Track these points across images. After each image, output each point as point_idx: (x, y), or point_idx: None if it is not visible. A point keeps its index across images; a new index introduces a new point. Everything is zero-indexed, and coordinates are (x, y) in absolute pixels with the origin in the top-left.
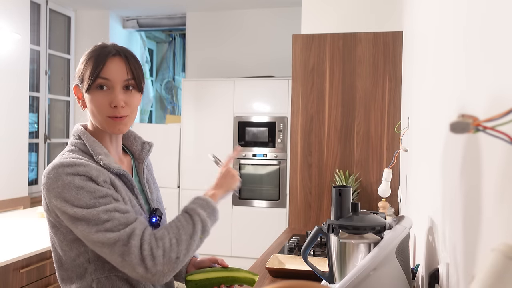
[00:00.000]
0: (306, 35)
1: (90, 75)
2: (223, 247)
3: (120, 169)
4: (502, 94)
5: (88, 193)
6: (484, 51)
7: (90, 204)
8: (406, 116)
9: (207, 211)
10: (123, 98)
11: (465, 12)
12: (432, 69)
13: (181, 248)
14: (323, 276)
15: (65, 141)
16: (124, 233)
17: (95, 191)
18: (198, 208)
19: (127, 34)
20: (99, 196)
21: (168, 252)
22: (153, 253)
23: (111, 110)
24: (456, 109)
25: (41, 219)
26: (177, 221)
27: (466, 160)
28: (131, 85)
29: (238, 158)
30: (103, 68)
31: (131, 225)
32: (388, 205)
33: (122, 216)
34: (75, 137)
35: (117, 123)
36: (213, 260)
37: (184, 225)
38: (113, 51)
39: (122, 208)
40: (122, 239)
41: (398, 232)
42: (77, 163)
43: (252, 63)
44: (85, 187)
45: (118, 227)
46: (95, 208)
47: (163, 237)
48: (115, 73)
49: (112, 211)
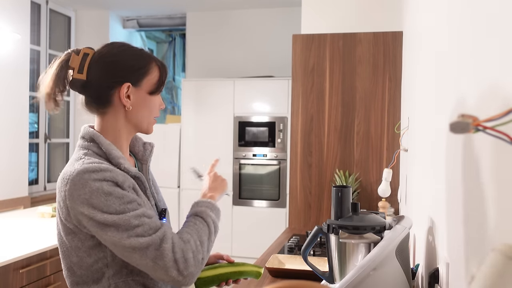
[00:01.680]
0: (306, 35)
1: (160, 79)
2: (223, 247)
3: (137, 172)
4: (502, 94)
5: (117, 199)
6: (484, 50)
7: (119, 210)
8: (406, 116)
9: (214, 212)
10: None
11: (465, 11)
12: (432, 69)
13: (204, 249)
14: (323, 276)
15: (65, 141)
16: (156, 237)
17: (123, 196)
18: (208, 211)
19: (127, 34)
20: (127, 201)
21: (196, 254)
22: (184, 255)
23: (158, 111)
24: (456, 109)
25: (41, 219)
26: (194, 225)
27: (466, 160)
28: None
29: (238, 158)
30: (167, 75)
31: (161, 229)
32: (388, 205)
33: (150, 221)
34: (86, 139)
35: (154, 123)
36: (218, 256)
37: (202, 228)
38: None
39: (148, 213)
40: (154, 243)
41: (398, 232)
42: (103, 168)
43: (252, 63)
44: (114, 193)
45: (149, 232)
46: (125, 214)
47: (189, 240)
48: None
49: (141, 216)
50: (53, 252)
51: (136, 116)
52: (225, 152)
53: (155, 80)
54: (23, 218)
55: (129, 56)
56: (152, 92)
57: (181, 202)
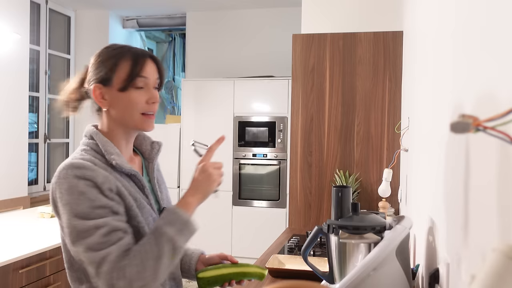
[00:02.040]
0: (306, 35)
1: (129, 74)
2: (223, 247)
3: (132, 169)
4: (502, 94)
5: (88, 201)
6: (484, 50)
7: (85, 213)
8: (406, 116)
9: (176, 226)
10: (156, 95)
11: (465, 11)
12: (432, 69)
13: (147, 275)
14: (323, 276)
15: (65, 141)
16: (98, 256)
17: (95, 200)
18: (165, 226)
19: (127, 34)
20: (98, 206)
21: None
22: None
23: (147, 106)
24: (456, 109)
25: (41, 219)
26: (141, 246)
27: (466, 160)
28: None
29: (238, 158)
30: (144, 67)
31: (108, 249)
32: (388, 205)
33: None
34: (87, 137)
35: (150, 119)
36: (222, 257)
37: (147, 249)
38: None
39: (113, 224)
40: (95, 262)
41: (398, 232)
42: (86, 166)
43: (252, 63)
44: (87, 193)
45: (98, 246)
46: (89, 220)
47: (125, 267)
48: (151, 73)
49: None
50: (53, 252)
51: (116, 115)
52: (225, 152)
53: (124, 76)
54: (22, 218)
55: (103, 57)
56: (122, 89)
57: None
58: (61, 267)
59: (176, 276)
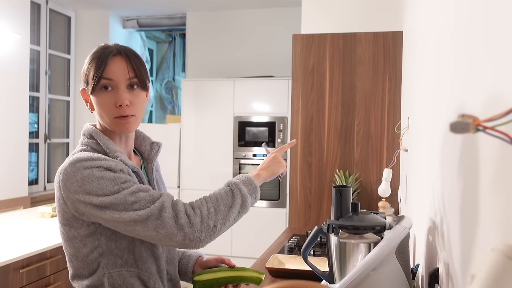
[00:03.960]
0: (306, 35)
1: (93, 76)
2: (223, 247)
3: (135, 166)
4: (502, 94)
5: (109, 181)
6: (484, 50)
7: (114, 190)
8: (406, 116)
9: (248, 187)
10: (127, 97)
11: (465, 11)
12: (432, 68)
13: (218, 217)
14: (323, 276)
15: (65, 141)
16: (154, 208)
17: (116, 178)
18: (240, 183)
19: (127, 34)
20: (121, 182)
21: (206, 219)
22: (190, 220)
23: (117, 110)
24: (456, 109)
25: (41, 219)
26: (217, 193)
27: (465, 160)
28: (135, 84)
29: (238, 158)
30: (105, 68)
31: (159, 200)
32: (388, 205)
33: (147, 194)
34: (86, 136)
35: (124, 122)
36: (219, 260)
37: (224, 197)
38: (114, 51)
39: (144, 187)
40: (153, 214)
41: (398, 232)
42: (94, 157)
43: (252, 63)
44: (105, 176)
45: (147, 204)
46: (120, 192)
47: (200, 206)
48: (118, 73)
49: (136, 192)
50: (53, 252)
51: (98, 117)
52: (225, 152)
53: (91, 78)
54: (23, 218)
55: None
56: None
57: None
58: (61, 267)
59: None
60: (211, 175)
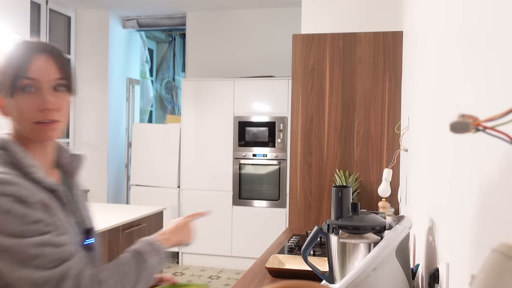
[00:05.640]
0: (306, 35)
1: (12, 76)
2: (223, 247)
3: (53, 184)
4: (502, 93)
5: (15, 218)
6: (484, 50)
7: (17, 232)
8: (406, 116)
9: (156, 258)
10: (52, 100)
11: (465, 11)
12: (432, 68)
13: None
14: (323, 276)
15: (65, 141)
16: (55, 274)
17: (25, 215)
18: (149, 255)
19: (127, 34)
20: (30, 221)
21: None
22: None
23: (39, 114)
24: (456, 109)
25: None
26: (124, 265)
27: (466, 159)
28: (62, 86)
29: (238, 158)
30: (27, 67)
31: (65, 264)
32: (388, 205)
33: (55, 250)
34: None
35: (47, 129)
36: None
37: (127, 272)
38: (38, 47)
39: (55, 240)
40: (51, 281)
41: (398, 232)
42: (6, 180)
43: (252, 63)
44: (12, 210)
45: (49, 265)
46: (24, 238)
47: (106, 280)
48: (44, 73)
49: (43, 245)
50: None
51: (14, 123)
52: (225, 152)
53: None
54: None
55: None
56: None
57: (181, 202)
58: None
59: None
60: (211, 175)
